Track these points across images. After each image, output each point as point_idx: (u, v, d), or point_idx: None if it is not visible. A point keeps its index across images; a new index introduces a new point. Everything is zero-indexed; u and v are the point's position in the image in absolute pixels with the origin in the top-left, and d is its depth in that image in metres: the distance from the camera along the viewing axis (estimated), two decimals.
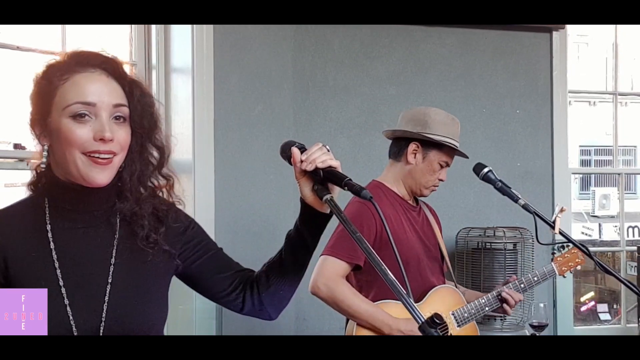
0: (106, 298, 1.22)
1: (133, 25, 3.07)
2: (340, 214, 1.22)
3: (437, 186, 2.29)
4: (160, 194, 1.33)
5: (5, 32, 2.76)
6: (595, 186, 13.81)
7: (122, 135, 1.22)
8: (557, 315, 3.40)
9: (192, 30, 2.94)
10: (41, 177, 1.26)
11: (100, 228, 1.26)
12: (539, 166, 3.47)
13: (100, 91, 1.20)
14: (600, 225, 12.03)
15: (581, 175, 14.62)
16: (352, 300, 2.07)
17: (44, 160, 1.22)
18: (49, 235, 1.23)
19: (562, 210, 1.98)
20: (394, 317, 2.07)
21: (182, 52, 3.02)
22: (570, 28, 3.57)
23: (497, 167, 2.15)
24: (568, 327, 3.45)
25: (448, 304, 2.21)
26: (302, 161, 1.26)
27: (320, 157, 1.24)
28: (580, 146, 14.89)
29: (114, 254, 1.25)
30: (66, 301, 1.20)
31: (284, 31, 3.15)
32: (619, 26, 3.93)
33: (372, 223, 2.10)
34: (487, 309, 2.24)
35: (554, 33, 3.47)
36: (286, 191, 3.00)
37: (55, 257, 1.21)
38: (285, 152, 1.29)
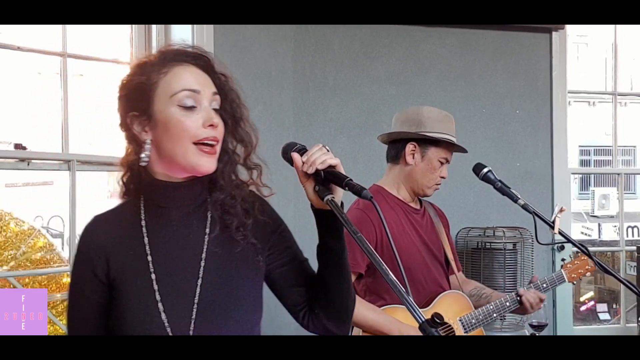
0: (196, 299, 1.23)
1: (133, 26, 3.07)
2: (341, 215, 1.22)
3: (440, 184, 2.27)
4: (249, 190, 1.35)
5: (6, 32, 2.76)
6: (594, 186, 13.80)
7: (220, 124, 1.25)
8: (557, 314, 3.41)
9: (192, 31, 2.95)
10: (134, 176, 1.29)
11: (192, 226, 1.28)
12: (539, 166, 3.48)
13: (200, 81, 1.25)
14: (599, 225, 12.03)
15: (581, 175, 14.62)
16: (357, 309, 2.05)
17: (147, 153, 1.24)
18: (144, 232, 1.26)
19: (561, 210, 1.98)
20: (402, 322, 2.03)
21: None
22: (569, 28, 3.58)
23: (497, 167, 2.16)
24: (568, 326, 3.46)
25: (455, 310, 2.19)
26: (303, 163, 1.26)
27: (319, 157, 1.24)
28: (579, 146, 14.91)
29: (204, 252, 1.27)
30: (158, 297, 1.22)
31: (284, 31, 3.15)
32: (619, 26, 3.93)
33: (372, 230, 2.07)
34: (495, 315, 2.22)
35: (554, 33, 3.49)
36: (286, 191, 2.99)
37: (148, 252, 1.24)
38: (287, 154, 1.29)
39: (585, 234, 11.56)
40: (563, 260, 2.42)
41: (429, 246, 2.24)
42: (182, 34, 2.99)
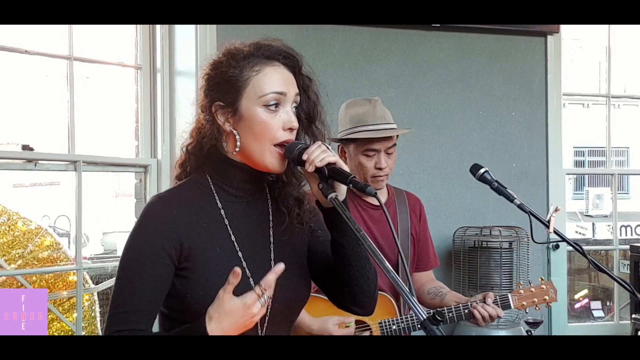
0: (272, 264, 1.33)
1: (138, 30, 3.12)
2: (344, 213, 1.25)
3: (382, 175, 2.15)
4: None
5: (14, 36, 2.80)
6: (588, 186, 13.85)
7: (297, 125, 1.34)
8: (552, 312, 3.44)
9: (195, 34, 2.99)
10: (199, 149, 1.35)
11: (257, 203, 1.39)
12: (534, 167, 3.53)
13: (287, 83, 1.32)
14: (593, 224, 12.07)
15: (575, 176, 14.65)
16: None
17: (239, 144, 1.31)
18: (219, 205, 1.33)
19: (556, 210, 1.98)
20: (310, 316, 2.05)
21: (185, 56, 3.07)
22: (564, 32, 3.62)
23: (493, 168, 2.18)
24: (562, 324, 3.51)
25: (376, 312, 2.17)
26: (304, 161, 1.29)
27: (318, 155, 1.28)
28: (574, 147, 14.92)
29: (271, 226, 1.37)
30: (244, 263, 1.29)
31: (284, 35, 3.16)
32: (612, 30, 3.99)
33: None
34: (419, 325, 2.15)
35: (549, 37, 3.53)
36: None
37: (228, 224, 1.32)
38: (291, 153, 1.31)
39: (580, 233, 11.61)
40: (521, 284, 2.25)
41: (380, 243, 2.16)
42: (186, 38, 3.04)
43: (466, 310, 2.06)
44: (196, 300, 1.25)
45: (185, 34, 3.05)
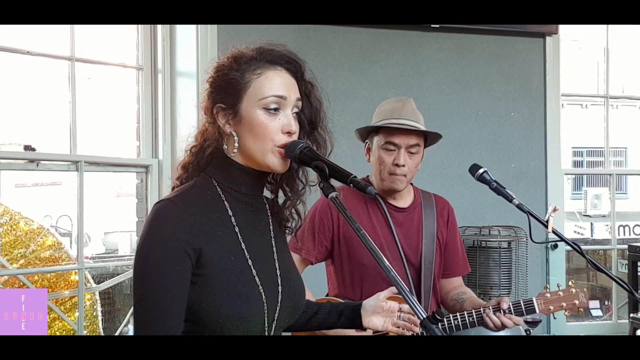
0: (278, 272, 1.37)
1: (139, 31, 3.14)
2: (345, 212, 1.25)
3: (397, 173, 2.09)
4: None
5: (16, 37, 2.82)
6: (587, 186, 13.86)
7: (297, 131, 1.34)
8: None
9: (196, 36, 3.01)
10: (201, 152, 1.36)
11: (260, 212, 1.41)
12: (533, 167, 3.55)
13: (288, 87, 1.33)
14: (592, 224, 12.08)
15: (573, 176, 14.66)
16: None
17: (236, 145, 1.32)
18: (230, 214, 1.33)
19: (555, 210, 1.97)
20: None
21: (186, 57, 3.08)
22: (562, 33, 3.65)
23: (492, 168, 2.19)
24: (561, 323, 3.52)
25: None
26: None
27: None
28: (572, 148, 14.93)
29: (272, 236, 1.41)
30: (254, 272, 1.31)
31: (285, 36, 3.19)
32: (611, 31, 4.01)
33: (329, 217, 2.09)
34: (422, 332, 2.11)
35: (547, 38, 3.56)
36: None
37: (238, 232, 1.33)
38: (292, 152, 1.31)
39: (578, 233, 11.61)
40: (547, 287, 2.11)
41: (402, 246, 2.06)
42: (187, 40, 3.06)
43: (479, 318, 2.01)
44: (213, 308, 1.24)
45: (186, 34, 3.06)
